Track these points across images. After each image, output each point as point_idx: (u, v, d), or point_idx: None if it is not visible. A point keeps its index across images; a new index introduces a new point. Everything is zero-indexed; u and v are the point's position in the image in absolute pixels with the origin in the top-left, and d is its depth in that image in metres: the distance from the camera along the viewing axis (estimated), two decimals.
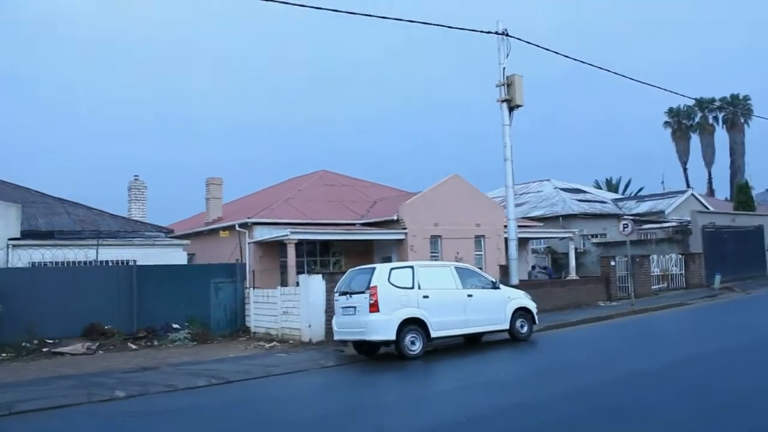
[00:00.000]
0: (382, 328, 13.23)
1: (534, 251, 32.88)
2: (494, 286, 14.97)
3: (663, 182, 56.30)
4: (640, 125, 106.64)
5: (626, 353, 13.03)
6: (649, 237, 31.94)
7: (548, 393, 9.31)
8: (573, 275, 28.10)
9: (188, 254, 28.39)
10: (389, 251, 25.40)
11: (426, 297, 13.73)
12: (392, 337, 13.23)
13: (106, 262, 18.98)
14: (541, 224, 31.47)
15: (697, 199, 38.29)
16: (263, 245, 23.97)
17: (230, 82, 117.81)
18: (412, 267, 14.13)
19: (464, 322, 14.18)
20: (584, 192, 40.23)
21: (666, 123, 57.96)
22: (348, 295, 14.02)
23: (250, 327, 19.39)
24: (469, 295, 14.32)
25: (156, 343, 17.77)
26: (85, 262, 18.64)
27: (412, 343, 13.39)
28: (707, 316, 19.56)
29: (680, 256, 27.22)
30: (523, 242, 30.50)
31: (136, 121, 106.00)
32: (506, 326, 14.89)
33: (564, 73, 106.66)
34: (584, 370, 11.35)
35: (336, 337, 14.55)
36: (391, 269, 13.90)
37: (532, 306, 15.51)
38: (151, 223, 22.59)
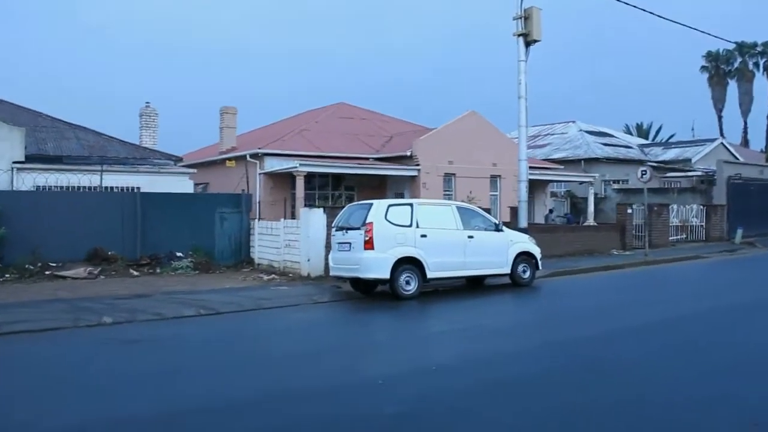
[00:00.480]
0: (376, 266, 12.92)
1: (553, 195, 32.17)
2: (497, 229, 14.52)
3: (693, 129, 54.46)
4: (676, 69, 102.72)
5: (626, 306, 12.55)
6: (672, 185, 30.96)
7: (532, 343, 8.98)
8: (591, 221, 27.49)
9: (202, 184, 28.42)
10: (402, 188, 24.98)
11: (424, 236, 13.34)
12: (386, 275, 12.93)
13: (112, 188, 18.84)
14: (562, 167, 30.66)
15: (727, 148, 36.83)
16: (274, 177, 23.70)
17: (246, 9, 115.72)
18: (411, 205, 13.70)
19: (463, 263, 13.80)
20: (610, 136, 39.00)
21: (703, 68, 55.49)
22: (344, 231, 13.70)
23: (254, 258, 19.28)
24: (470, 237, 13.90)
25: (158, 270, 17.76)
26: (90, 188, 18.54)
27: (407, 282, 13.07)
28: (721, 271, 18.97)
29: (702, 207, 26.37)
30: (541, 185, 29.90)
31: (149, 49, 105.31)
32: (507, 270, 14.49)
33: (598, 10, 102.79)
34: (577, 321, 10.96)
35: (332, 273, 14.33)
36: (389, 206, 13.50)
37: (536, 251, 15.06)
38: (161, 151, 22.34)
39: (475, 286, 15.05)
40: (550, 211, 28.72)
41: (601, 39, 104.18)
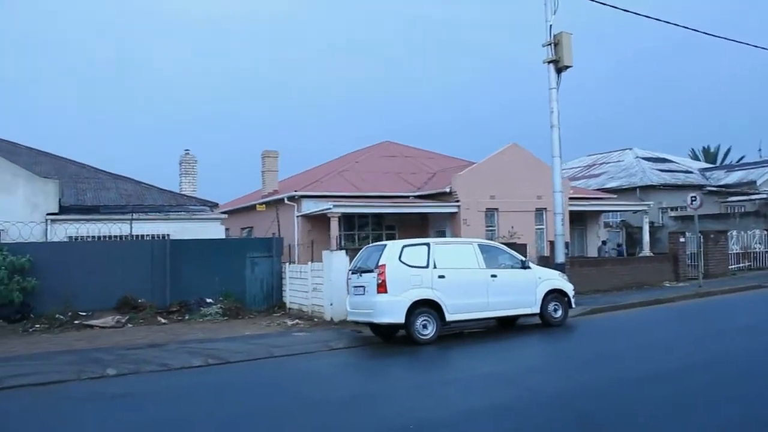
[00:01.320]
0: (390, 309, 12.27)
1: (607, 225, 30.73)
2: (523, 266, 13.63)
3: (760, 149, 51.41)
4: (746, 89, 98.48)
5: (661, 347, 11.41)
6: (734, 210, 29.05)
7: (541, 392, 8.13)
8: (647, 251, 26.03)
9: (247, 228, 28.53)
10: (444, 225, 24.31)
11: (442, 277, 12.62)
12: (401, 320, 12.25)
13: (142, 236, 18.94)
14: (615, 196, 29.31)
15: None
16: (311, 219, 23.46)
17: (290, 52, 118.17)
18: (428, 245, 13.02)
19: (486, 304, 12.97)
20: (668, 161, 37.20)
21: None
22: (359, 274, 13.15)
23: (285, 303, 18.93)
24: (493, 276, 13.08)
25: (187, 317, 17.59)
26: (121, 237, 18.70)
27: (424, 327, 12.35)
28: None
29: (765, 232, 24.50)
30: (593, 216, 28.65)
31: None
32: (536, 310, 13.56)
33: (664, 39, 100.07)
34: (602, 365, 10.01)
35: (349, 318, 13.74)
36: (404, 246, 12.87)
37: (568, 288, 14.07)
38: (198, 197, 22.49)
39: (503, 327, 14.17)
40: (603, 242, 27.35)
41: (665, 64, 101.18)
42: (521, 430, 6.52)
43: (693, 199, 19.60)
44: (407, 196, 24.62)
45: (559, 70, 17.19)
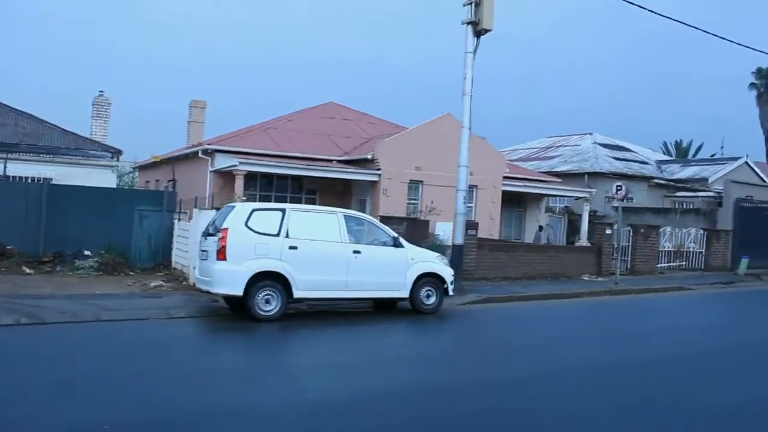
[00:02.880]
0: (228, 279, 10.97)
1: (550, 211, 29.50)
2: (395, 244, 12.33)
3: (722, 147, 50.18)
4: (724, 87, 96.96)
5: (535, 347, 10.25)
6: (684, 206, 27.91)
7: (366, 390, 7.22)
8: (584, 241, 24.83)
9: (171, 181, 27.01)
10: (365, 194, 22.96)
11: (293, 248, 11.30)
12: (239, 292, 10.96)
13: (24, 178, 17.46)
14: (559, 180, 28.01)
15: (752, 167, 33.20)
16: (224, 176, 22.00)
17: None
18: (283, 210, 11.66)
19: (344, 283, 11.68)
20: (627, 150, 35.91)
21: (752, 84, 51.44)
22: (205, 237, 11.84)
23: (172, 262, 17.59)
24: (356, 252, 11.78)
25: (58, 269, 16.23)
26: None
27: (267, 302, 11.05)
28: (696, 308, 16.29)
29: (702, 231, 23.35)
30: (534, 199, 27.43)
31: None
32: (405, 294, 12.29)
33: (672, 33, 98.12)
34: (455, 364, 9.08)
35: (197, 285, 12.42)
36: (254, 210, 11.53)
37: (446, 272, 12.80)
38: (102, 143, 20.96)
39: (365, 311, 12.94)
40: (540, 228, 26.11)
41: (639, 52, 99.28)
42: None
43: (618, 188, 18.38)
44: (330, 160, 23.18)
45: (477, 33, 15.70)
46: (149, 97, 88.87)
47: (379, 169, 21.81)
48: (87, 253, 16.93)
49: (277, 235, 11.30)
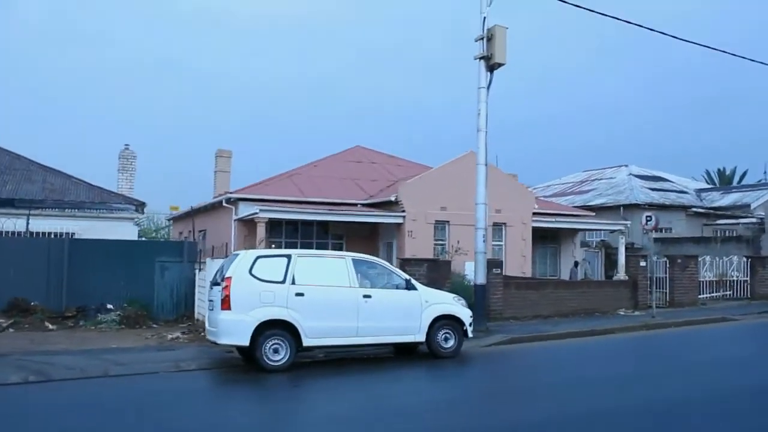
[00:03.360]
0: (234, 329, 10.67)
1: (585, 245, 28.62)
2: (408, 287, 11.88)
3: (766, 171, 48.24)
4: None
5: (547, 393, 9.61)
6: (726, 234, 26.73)
7: None
8: (622, 275, 23.88)
9: (201, 231, 27.17)
10: (392, 237, 22.58)
11: (300, 294, 10.95)
12: (245, 342, 10.64)
13: (44, 233, 17.65)
14: (593, 214, 27.19)
15: None
16: (248, 224, 21.89)
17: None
18: (288, 256, 11.36)
19: (356, 329, 11.25)
20: (664, 180, 34.85)
21: None
22: (212, 286, 11.61)
23: (195, 312, 17.42)
24: (366, 296, 11.37)
25: (81, 323, 16.24)
26: (19, 233, 17.42)
27: (275, 351, 10.69)
28: (737, 340, 15.26)
29: (745, 258, 22.21)
30: (569, 234, 26.67)
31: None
32: (421, 338, 11.78)
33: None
34: (466, 411, 8.48)
35: (207, 336, 12.12)
36: (258, 257, 11.25)
37: (464, 314, 12.26)
38: (126, 195, 21.19)
39: (391, 356, 12.45)
40: (576, 264, 25.29)
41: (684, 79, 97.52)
42: None
43: (648, 218, 17.60)
44: (355, 204, 22.94)
45: (491, 68, 15.43)
46: (179, 150, 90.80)
47: (403, 211, 21.46)
48: (109, 306, 16.91)
49: (283, 281, 10.99)
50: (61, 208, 18.72)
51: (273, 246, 21.98)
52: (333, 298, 11.22)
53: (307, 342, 10.93)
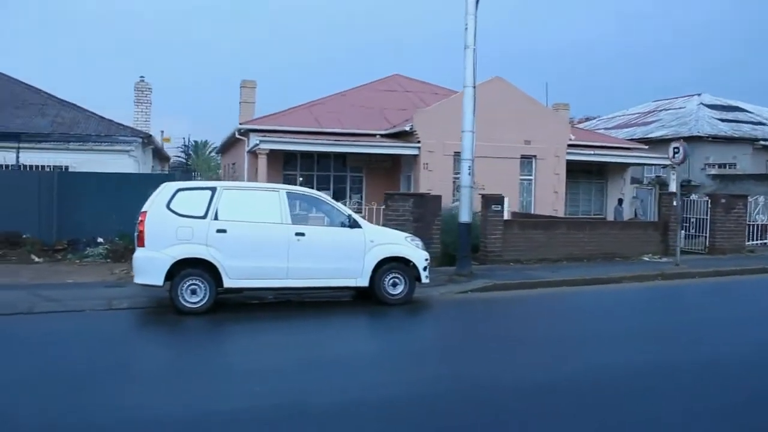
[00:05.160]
0: (147, 268, 9.87)
1: (637, 182, 26.06)
2: (350, 224, 10.62)
3: None
4: None
5: (504, 350, 8.31)
6: None
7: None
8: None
9: (232, 164, 26.75)
10: (411, 170, 21.17)
11: (222, 231, 9.96)
12: (159, 282, 9.83)
13: (37, 166, 17.46)
14: (645, 147, 24.56)
15: None
16: (258, 155, 21.04)
17: None
18: (213, 189, 10.33)
19: (285, 270, 10.18)
20: (739, 110, 31.08)
21: None
22: None
23: None
24: (299, 234, 10.23)
25: (70, 256, 16.08)
26: (20, 166, 17.32)
27: (193, 292, 9.82)
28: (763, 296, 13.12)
29: None
30: (617, 169, 24.31)
31: None
32: (363, 282, 10.57)
33: None
34: (382, 370, 7.32)
35: None
36: (179, 190, 10.29)
37: (418, 256, 10.90)
38: (134, 128, 20.73)
39: (350, 300, 11.37)
40: (620, 201, 23.00)
41: None
42: None
43: (675, 150, 15.27)
44: (374, 135, 21.55)
45: None
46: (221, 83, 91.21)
47: (418, 142, 19.93)
48: (100, 240, 16.65)
49: (204, 217, 10.00)
50: (58, 141, 18.42)
51: (301, 180, 21.19)
52: (260, 236, 10.17)
53: (228, 283, 9.98)
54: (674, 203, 16.56)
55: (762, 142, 26.34)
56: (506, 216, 19.33)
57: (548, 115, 21.49)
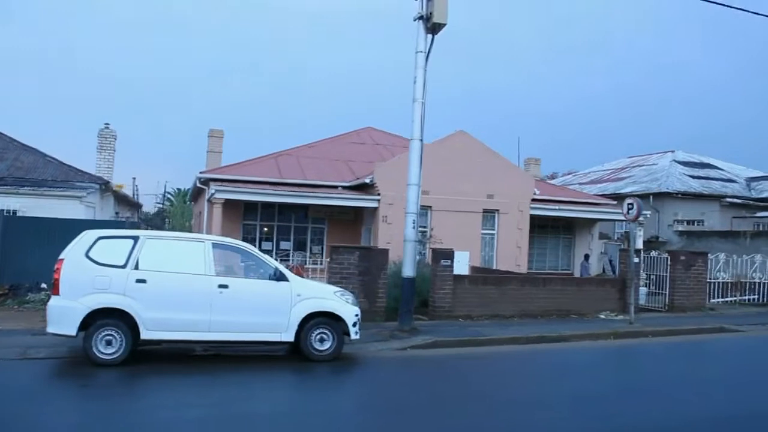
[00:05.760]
0: (61, 317, 9.50)
1: (606, 237, 25.91)
2: (277, 277, 10.30)
3: None
4: None
5: (423, 411, 7.93)
6: (760, 228, 23.41)
7: None
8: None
9: (196, 213, 26.42)
10: (371, 222, 20.94)
11: (141, 281, 9.64)
12: (72, 332, 9.46)
13: None
14: (614, 202, 24.49)
15: None
16: (225, 206, 20.77)
17: None
18: (135, 238, 10.04)
19: (207, 323, 9.82)
20: (711, 167, 31.25)
21: None
22: None
23: None
24: (222, 286, 9.91)
25: (9, 302, 15.69)
26: None
27: (108, 344, 9.43)
28: (713, 361, 12.74)
29: None
30: (585, 225, 24.14)
31: None
32: (288, 337, 10.20)
33: None
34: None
35: None
36: (99, 238, 9.98)
37: (347, 311, 10.54)
38: (93, 174, 20.52)
39: (270, 356, 10.95)
40: (586, 257, 22.79)
41: None
42: None
43: (630, 206, 15.11)
44: (336, 186, 21.40)
45: (431, 30, 13.50)
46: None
47: (378, 194, 19.76)
48: (43, 286, 16.28)
49: (124, 266, 9.69)
50: (11, 185, 18.16)
51: (266, 230, 20.92)
52: (181, 287, 9.84)
53: (146, 334, 9.61)
54: (634, 260, 16.33)
55: (728, 200, 26.36)
56: (466, 271, 19.17)
57: (512, 169, 21.42)
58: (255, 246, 21.08)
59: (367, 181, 19.94)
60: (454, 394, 9.00)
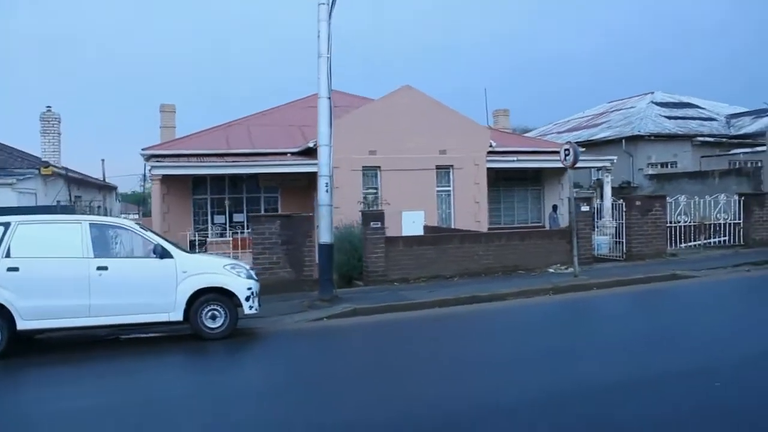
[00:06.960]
0: None
1: (577, 186, 25.08)
2: (160, 254, 9.74)
3: None
4: None
5: (313, 389, 7.41)
6: (730, 167, 22.47)
7: None
8: (608, 219, 20.56)
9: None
10: None
11: (13, 269, 9.17)
12: None
13: None
14: (582, 149, 23.57)
15: None
16: (168, 182, 20.20)
17: None
18: (6, 224, 9.51)
19: (87, 307, 9.34)
20: (692, 107, 30.07)
21: None
22: None
23: None
24: (101, 268, 9.40)
25: None
26: None
27: None
28: (662, 309, 12.05)
29: (737, 197, 18.16)
30: (554, 174, 23.36)
31: None
32: (177, 316, 9.72)
33: None
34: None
35: None
36: None
37: (239, 285, 9.99)
38: (33, 158, 20.01)
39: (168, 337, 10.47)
40: (554, 208, 22.02)
41: None
42: None
43: (567, 152, 14.32)
44: (285, 153, 20.70)
45: None
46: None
47: None
48: None
49: None
50: None
51: (228, 203, 20.42)
52: (57, 272, 9.37)
53: (23, 325, 9.17)
54: (583, 209, 15.66)
55: (700, 138, 25.26)
56: (421, 231, 18.55)
57: (464, 122, 20.53)
58: (208, 220, 20.79)
59: (311, 145, 19.22)
60: (347, 369, 8.43)
